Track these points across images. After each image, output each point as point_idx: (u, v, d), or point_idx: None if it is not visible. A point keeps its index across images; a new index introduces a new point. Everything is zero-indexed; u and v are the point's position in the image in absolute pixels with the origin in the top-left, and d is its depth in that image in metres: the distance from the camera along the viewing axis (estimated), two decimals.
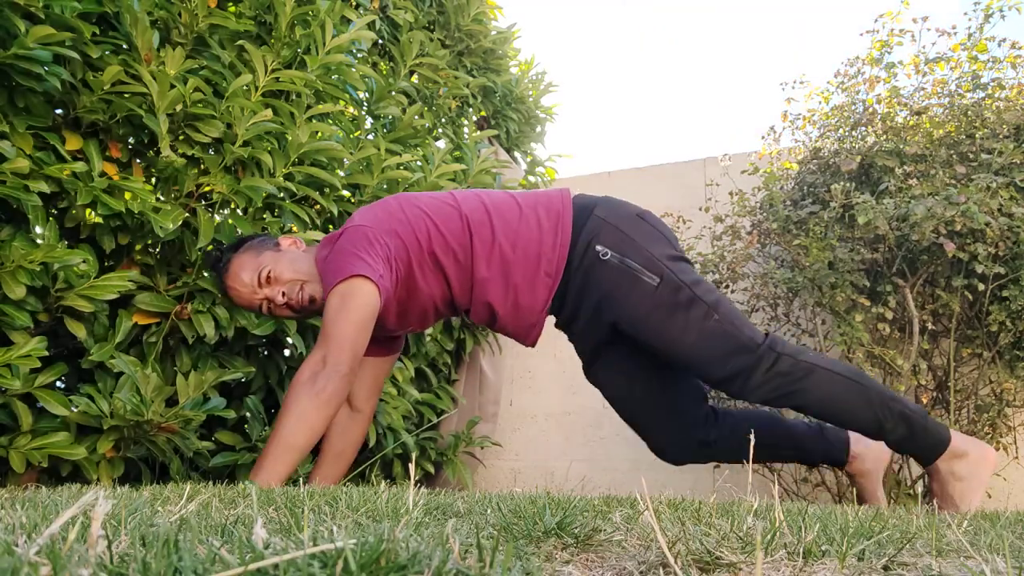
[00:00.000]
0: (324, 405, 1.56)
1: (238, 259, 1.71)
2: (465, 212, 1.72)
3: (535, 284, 1.72)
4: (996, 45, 2.54)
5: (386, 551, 0.47)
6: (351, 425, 1.85)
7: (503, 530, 0.74)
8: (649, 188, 3.37)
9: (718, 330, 1.64)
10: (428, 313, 1.79)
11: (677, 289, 1.65)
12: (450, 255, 1.71)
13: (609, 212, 1.74)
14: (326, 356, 1.57)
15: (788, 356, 1.63)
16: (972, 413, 2.41)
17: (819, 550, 0.66)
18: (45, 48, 1.47)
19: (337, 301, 1.58)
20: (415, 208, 1.72)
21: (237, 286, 1.70)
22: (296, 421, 1.54)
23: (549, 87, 3.69)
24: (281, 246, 1.75)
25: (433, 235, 1.70)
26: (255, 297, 1.70)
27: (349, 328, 1.58)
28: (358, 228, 1.66)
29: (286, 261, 1.72)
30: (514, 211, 1.74)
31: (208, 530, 0.68)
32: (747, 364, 1.62)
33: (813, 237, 2.39)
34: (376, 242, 1.64)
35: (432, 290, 1.74)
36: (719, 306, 1.66)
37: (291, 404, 1.55)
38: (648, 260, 1.67)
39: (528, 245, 1.71)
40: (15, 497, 1.02)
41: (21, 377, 1.47)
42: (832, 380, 1.63)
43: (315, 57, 1.99)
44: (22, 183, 1.46)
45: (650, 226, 1.75)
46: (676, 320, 1.65)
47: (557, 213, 1.74)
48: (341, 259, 1.62)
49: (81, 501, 0.51)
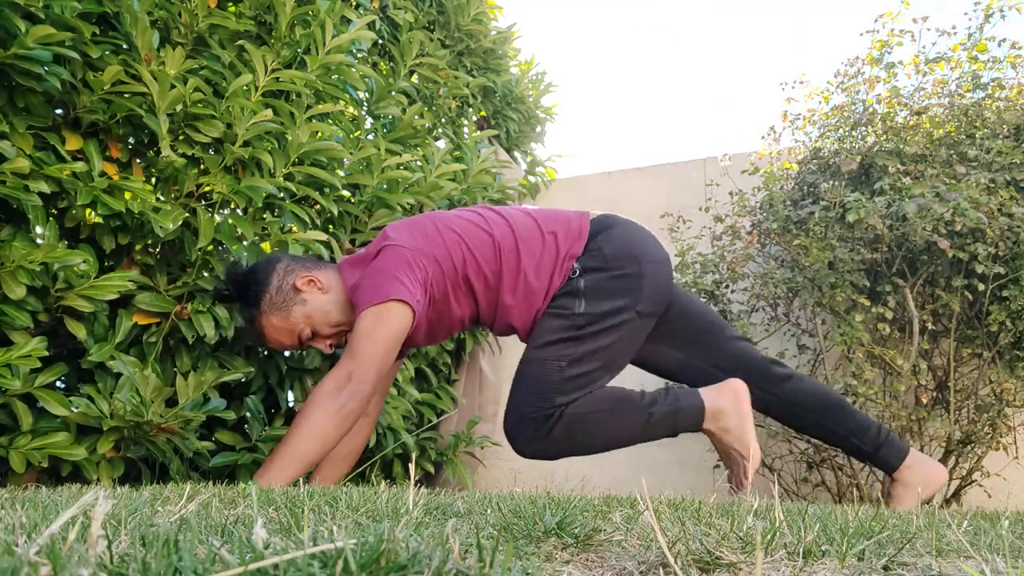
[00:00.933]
0: (343, 421, 1.58)
1: (268, 323, 1.70)
2: (497, 239, 1.76)
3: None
4: (996, 45, 2.54)
5: (386, 551, 0.47)
6: (358, 429, 1.86)
7: (503, 530, 0.74)
8: (649, 188, 3.36)
9: (553, 375, 1.68)
10: (455, 329, 1.85)
11: (581, 327, 1.70)
12: (481, 279, 1.75)
13: (610, 241, 1.77)
14: (352, 373, 1.58)
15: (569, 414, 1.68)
16: (972, 413, 2.41)
17: (819, 550, 0.66)
18: (45, 48, 1.47)
19: (370, 321, 1.60)
20: (451, 232, 1.75)
21: (278, 347, 1.76)
22: (312, 433, 1.55)
23: (549, 87, 3.69)
24: (302, 292, 1.71)
25: (468, 260, 1.74)
26: (299, 347, 1.76)
27: (379, 349, 1.60)
28: (398, 249, 1.68)
29: (319, 316, 1.71)
30: (537, 240, 1.78)
31: (208, 530, 0.68)
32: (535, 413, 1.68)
33: (813, 237, 2.39)
34: (416, 266, 1.67)
35: (463, 311, 1.79)
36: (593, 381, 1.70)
37: (310, 414, 1.55)
38: (596, 292, 1.72)
39: (548, 272, 1.76)
40: (15, 497, 1.02)
41: (21, 377, 1.47)
42: (599, 423, 1.70)
43: (315, 57, 1.99)
44: (22, 183, 1.46)
45: (637, 273, 1.75)
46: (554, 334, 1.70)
47: (572, 240, 1.79)
48: (381, 279, 1.63)
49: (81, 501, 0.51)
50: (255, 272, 1.73)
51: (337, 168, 2.18)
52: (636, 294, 1.74)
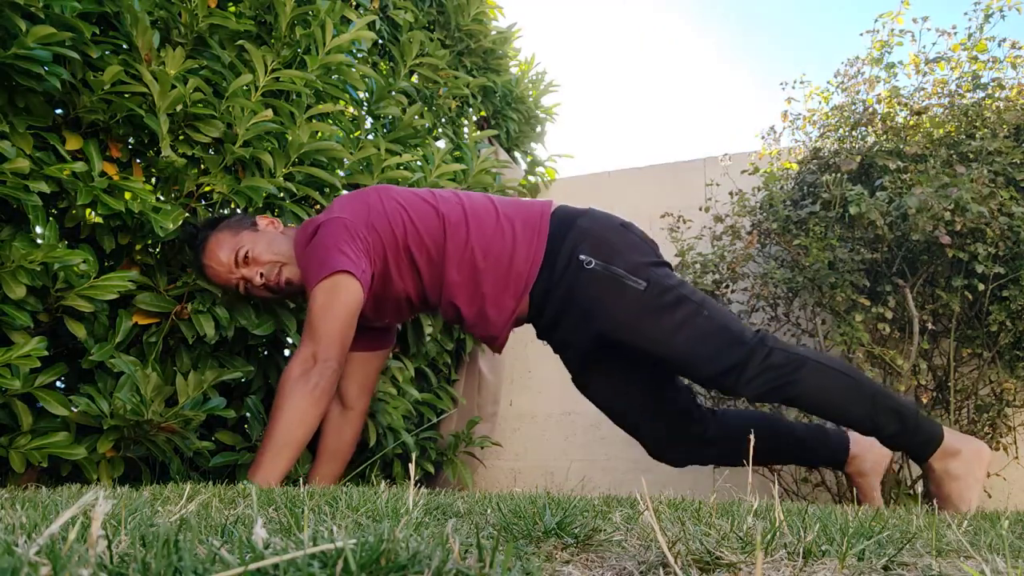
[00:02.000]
0: (319, 400, 1.57)
1: (215, 237, 1.71)
2: (443, 211, 1.72)
3: (501, 297, 1.72)
4: (996, 45, 2.54)
5: (386, 551, 0.47)
6: (344, 423, 1.85)
7: (503, 530, 0.74)
8: (649, 188, 3.36)
9: (709, 326, 1.63)
10: (403, 307, 1.80)
11: (664, 291, 1.65)
12: (424, 252, 1.71)
13: (593, 222, 1.74)
14: (316, 352, 1.58)
15: (780, 349, 1.62)
16: (972, 413, 2.41)
17: (819, 550, 0.66)
18: (45, 48, 1.47)
19: (323, 298, 1.59)
20: (393, 201, 1.72)
21: (213, 264, 1.71)
22: (292, 417, 1.55)
23: (549, 87, 3.69)
24: (259, 225, 1.75)
25: (409, 230, 1.70)
26: (231, 276, 1.71)
27: (336, 324, 1.59)
28: (338, 220, 1.66)
29: (264, 242, 1.72)
30: (491, 218, 1.73)
31: (208, 530, 0.68)
32: (740, 358, 1.60)
33: (813, 237, 2.39)
34: (356, 236, 1.65)
35: (406, 285, 1.74)
36: (706, 303, 1.66)
37: (285, 401, 1.56)
38: (634, 266, 1.67)
39: (500, 256, 1.70)
40: (15, 497, 1.02)
41: (21, 377, 1.47)
42: (825, 373, 1.61)
43: (315, 57, 1.99)
44: (22, 183, 1.46)
45: (634, 235, 1.76)
46: (666, 320, 1.64)
47: (534, 227, 1.73)
48: (323, 252, 1.62)
49: (81, 501, 0.51)
50: (226, 213, 1.80)
51: (337, 168, 2.18)
52: (646, 245, 1.75)
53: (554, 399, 3.22)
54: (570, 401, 3.20)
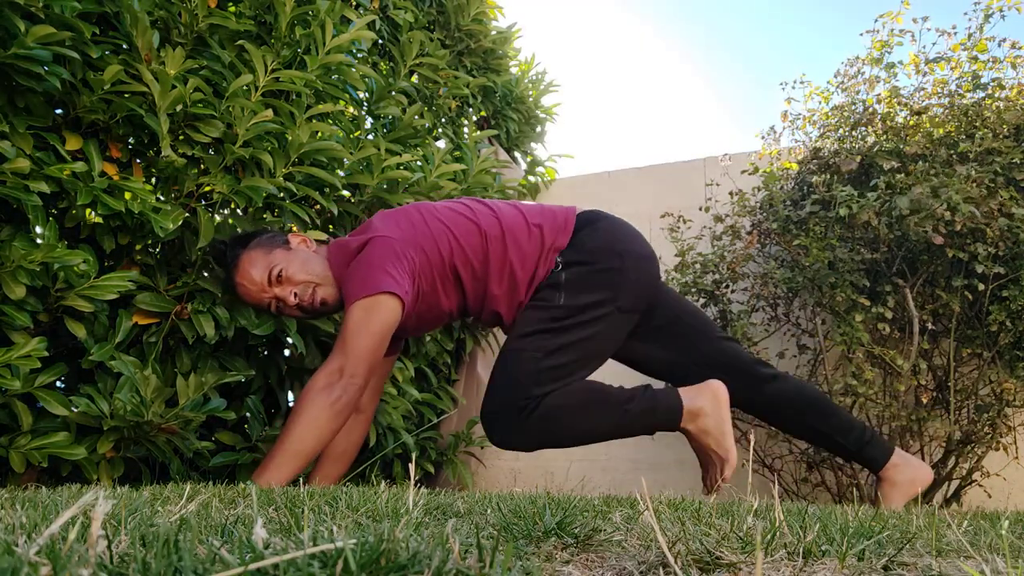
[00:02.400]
0: (338, 415, 1.57)
1: (248, 255, 1.71)
2: (484, 228, 1.76)
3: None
4: (996, 45, 2.54)
5: (386, 551, 0.47)
6: (354, 426, 1.86)
7: (503, 530, 0.74)
8: (649, 188, 3.36)
9: (531, 368, 1.67)
10: (443, 319, 1.85)
11: (561, 319, 1.71)
12: (469, 269, 1.75)
13: (594, 235, 1.78)
14: (344, 367, 1.58)
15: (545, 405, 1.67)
16: (972, 413, 2.41)
17: (819, 550, 0.66)
18: (45, 48, 1.47)
19: (361, 315, 1.60)
20: (437, 222, 1.75)
21: (246, 283, 1.70)
22: (307, 428, 1.55)
23: (549, 87, 3.69)
24: (291, 244, 1.76)
25: (455, 250, 1.73)
26: (264, 296, 1.71)
27: (369, 342, 1.60)
28: (386, 240, 1.67)
29: (298, 261, 1.72)
30: (523, 231, 1.78)
31: (208, 530, 0.68)
32: (515, 408, 1.67)
33: (813, 237, 2.39)
34: (404, 256, 1.66)
35: (450, 302, 1.79)
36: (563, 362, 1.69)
37: (304, 410, 1.55)
38: (579, 287, 1.72)
39: (530, 269, 1.77)
40: (15, 497, 1.02)
41: (21, 377, 1.47)
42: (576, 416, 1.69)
43: (315, 57, 1.99)
44: (22, 183, 1.46)
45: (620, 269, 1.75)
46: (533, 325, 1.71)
47: (557, 233, 1.79)
48: (369, 271, 1.63)
49: (81, 501, 0.51)
50: (256, 230, 1.81)
51: (337, 168, 2.18)
52: (617, 289, 1.74)
53: None
54: None
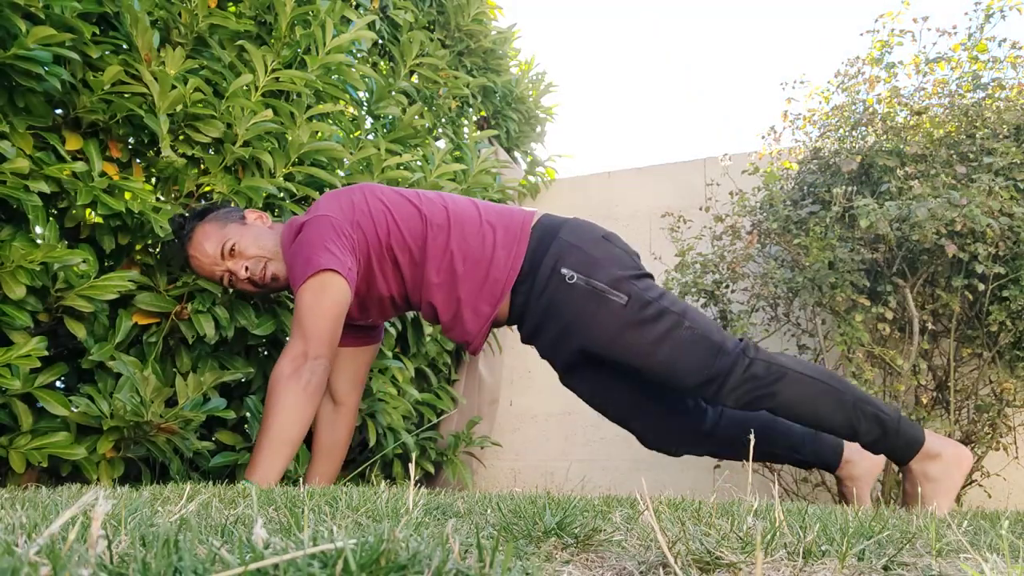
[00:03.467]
0: (312, 396, 1.59)
1: (202, 228, 1.71)
2: (425, 213, 1.73)
3: (477, 302, 1.72)
4: (996, 45, 2.54)
5: (386, 551, 0.47)
6: (337, 419, 1.86)
7: (503, 530, 0.74)
8: (649, 188, 3.36)
9: (691, 337, 1.64)
10: (386, 306, 1.81)
11: (645, 304, 1.65)
12: (406, 254, 1.72)
13: (574, 234, 1.73)
14: (306, 350, 1.59)
15: (761, 360, 1.63)
16: (972, 413, 2.41)
17: (819, 550, 0.66)
18: (45, 48, 1.47)
19: (310, 296, 1.60)
20: (377, 201, 1.73)
21: (199, 255, 1.71)
22: (287, 416, 1.56)
23: (549, 87, 3.69)
24: (247, 219, 1.75)
25: (392, 231, 1.71)
26: (216, 268, 1.71)
27: (324, 322, 1.60)
28: (324, 218, 1.67)
29: (251, 236, 1.72)
30: (473, 223, 1.74)
31: (208, 530, 0.68)
32: (721, 369, 1.62)
33: (813, 237, 2.39)
34: (342, 234, 1.65)
35: (389, 285, 1.76)
36: (687, 314, 1.67)
37: (278, 399, 1.56)
38: (615, 279, 1.67)
39: (478, 262, 1.71)
40: (15, 497, 1.02)
41: (21, 377, 1.47)
42: (805, 383, 1.63)
43: (315, 57, 1.99)
44: (22, 183, 1.46)
45: (615, 247, 1.75)
46: (647, 334, 1.65)
47: (515, 235, 1.73)
48: (309, 251, 1.62)
49: (81, 501, 0.51)
50: (215, 203, 1.79)
51: (337, 168, 2.18)
52: (632, 264, 1.74)
53: (554, 399, 3.22)
54: (570, 401, 3.20)
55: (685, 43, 12.18)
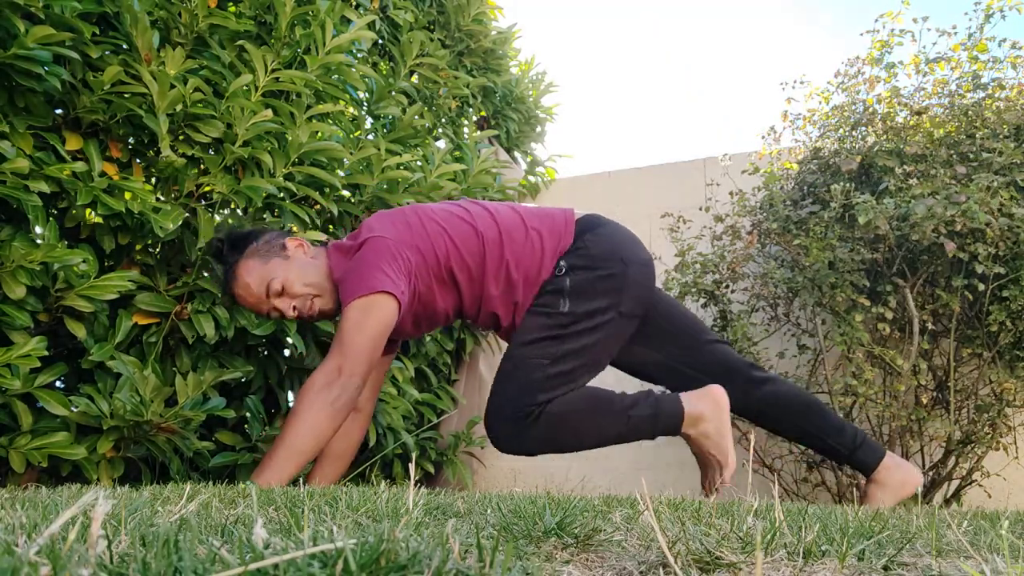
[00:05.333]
0: (337, 414, 1.58)
1: (245, 264, 1.70)
2: (480, 230, 1.76)
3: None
4: (996, 45, 2.54)
5: (386, 551, 0.47)
6: (352, 426, 1.86)
7: (503, 530, 0.74)
8: (649, 188, 3.37)
9: (535, 373, 1.69)
10: (440, 321, 1.85)
11: (565, 326, 1.72)
12: (465, 271, 1.75)
13: (597, 242, 1.78)
14: (342, 366, 1.58)
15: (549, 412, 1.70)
16: (972, 413, 2.41)
17: (819, 550, 0.66)
18: (45, 48, 1.47)
19: (358, 315, 1.60)
20: (434, 223, 1.75)
21: (244, 293, 1.71)
22: (307, 427, 1.55)
23: (549, 87, 3.69)
24: (288, 249, 1.74)
25: (451, 252, 1.74)
26: (263, 306, 1.72)
27: (367, 342, 1.61)
28: (382, 240, 1.68)
29: (296, 271, 1.71)
30: (520, 232, 1.78)
31: (208, 530, 0.68)
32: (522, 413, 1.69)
33: (813, 237, 2.39)
34: (399, 256, 1.67)
35: (446, 303, 1.79)
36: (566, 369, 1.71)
37: (304, 410, 1.56)
38: (581, 293, 1.73)
39: (530, 268, 1.77)
40: (15, 497, 1.02)
41: (21, 377, 1.47)
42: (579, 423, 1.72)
43: (315, 57, 1.99)
44: (22, 183, 1.46)
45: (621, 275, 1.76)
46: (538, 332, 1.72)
47: (559, 236, 1.79)
48: (365, 271, 1.64)
49: (81, 501, 0.51)
50: (253, 230, 1.78)
51: (337, 168, 2.18)
52: (620, 294, 1.75)
53: None
54: None
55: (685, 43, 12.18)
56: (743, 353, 2.55)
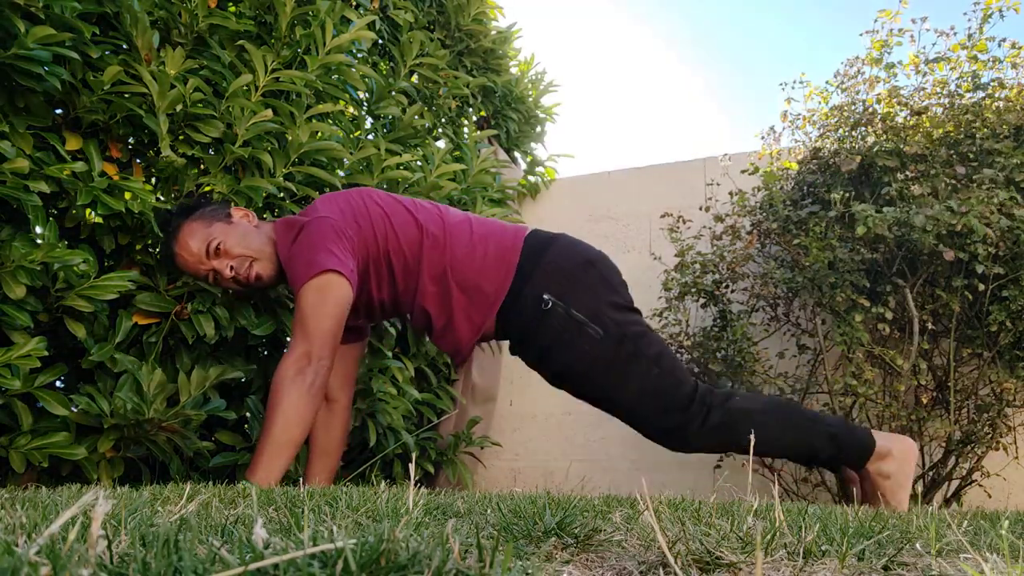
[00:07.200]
0: (315, 398, 1.59)
1: (188, 226, 1.70)
2: (421, 221, 1.75)
3: (468, 315, 1.75)
4: (996, 45, 2.54)
5: (386, 551, 0.47)
6: (331, 417, 1.87)
7: (503, 530, 0.74)
8: (649, 188, 3.37)
9: (657, 386, 1.69)
10: (374, 309, 1.83)
11: (620, 341, 1.69)
12: (401, 260, 1.74)
13: (561, 256, 1.75)
14: (310, 351, 1.59)
15: (718, 408, 1.68)
16: (972, 413, 2.41)
17: (819, 550, 0.66)
18: (45, 48, 1.47)
19: (313, 296, 1.60)
20: (376, 206, 1.75)
21: (184, 253, 1.70)
22: (290, 416, 1.56)
23: (549, 87, 3.69)
24: (233, 217, 1.75)
25: (390, 237, 1.73)
26: (201, 267, 1.71)
27: (328, 322, 1.61)
28: (325, 220, 1.68)
29: (237, 235, 1.72)
30: (465, 237, 1.76)
31: (208, 530, 0.68)
32: (681, 423, 1.68)
33: (813, 237, 2.39)
34: (343, 235, 1.67)
35: (381, 289, 1.77)
36: (660, 360, 1.70)
37: (281, 400, 1.56)
38: (593, 311, 1.70)
39: (468, 276, 1.74)
40: (15, 497, 1.02)
41: (21, 377, 1.47)
42: (761, 424, 1.69)
43: (315, 57, 1.99)
44: (22, 183, 1.46)
45: (599, 274, 1.76)
46: (616, 372, 1.69)
47: (505, 253, 1.75)
48: (311, 251, 1.63)
49: (81, 501, 0.51)
50: (199, 200, 1.78)
51: (337, 168, 2.18)
52: (612, 292, 1.75)
53: (554, 399, 3.22)
54: (570, 401, 3.20)
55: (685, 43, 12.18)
56: (743, 353, 2.55)
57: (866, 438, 1.72)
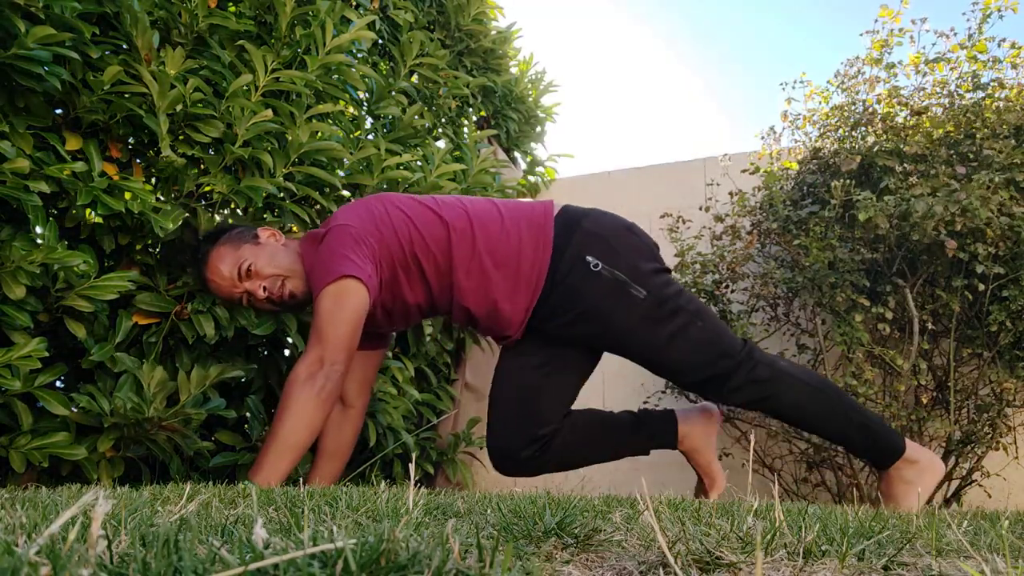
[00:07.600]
0: (324, 403, 1.58)
1: (217, 251, 1.71)
2: (446, 218, 1.75)
3: (513, 298, 1.75)
4: (996, 45, 2.54)
5: (386, 551, 0.47)
6: (344, 422, 1.86)
7: (503, 530, 0.74)
8: (649, 188, 3.37)
9: (702, 337, 1.72)
10: (412, 313, 1.82)
11: (662, 301, 1.71)
12: (431, 260, 1.73)
13: (598, 224, 1.77)
14: (323, 356, 1.59)
15: (765, 364, 1.71)
16: (972, 413, 2.41)
17: (819, 550, 0.66)
18: (45, 48, 1.47)
19: (330, 302, 1.60)
20: (397, 211, 1.75)
21: (216, 279, 1.71)
22: (298, 420, 1.55)
23: (549, 87, 3.69)
24: (260, 238, 1.76)
25: (415, 239, 1.72)
26: (235, 290, 1.72)
27: (344, 328, 1.60)
28: (344, 228, 1.68)
29: (266, 255, 1.73)
30: (496, 222, 1.76)
31: (208, 530, 0.68)
32: (727, 369, 1.70)
33: (813, 237, 2.39)
34: (363, 243, 1.67)
35: (415, 293, 1.77)
36: (701, 314, 1.74)
37: (291, 403, 1.56)
38: (636, 273, 1.72)
39: (508, 260, 1.74)
40: (15, 497, 1.02)
41: (21, 377, 1.47)
42: (802, 391, 1.72)
43: (315, 57, 1.99)
44: (22, 183, 1.46)
45: (638, 239, 1.80)
46: (661, 330, 1.71)
47: (539, 226, 1.76)
48: (330, 259, 1.64)
49: (81, 501, 0.51)
50: (225, 224, 1.80)
51: (337, 168, 2.18)
52: (652, 257, 1.79)
53: None
54: None
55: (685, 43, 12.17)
56: None
57: (899, 441, 1.74)
